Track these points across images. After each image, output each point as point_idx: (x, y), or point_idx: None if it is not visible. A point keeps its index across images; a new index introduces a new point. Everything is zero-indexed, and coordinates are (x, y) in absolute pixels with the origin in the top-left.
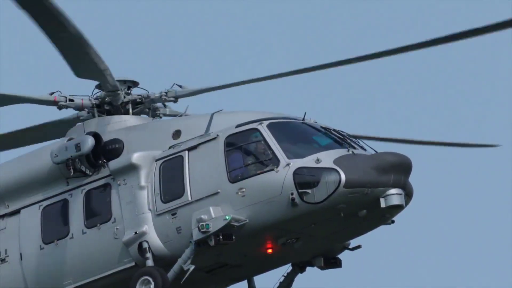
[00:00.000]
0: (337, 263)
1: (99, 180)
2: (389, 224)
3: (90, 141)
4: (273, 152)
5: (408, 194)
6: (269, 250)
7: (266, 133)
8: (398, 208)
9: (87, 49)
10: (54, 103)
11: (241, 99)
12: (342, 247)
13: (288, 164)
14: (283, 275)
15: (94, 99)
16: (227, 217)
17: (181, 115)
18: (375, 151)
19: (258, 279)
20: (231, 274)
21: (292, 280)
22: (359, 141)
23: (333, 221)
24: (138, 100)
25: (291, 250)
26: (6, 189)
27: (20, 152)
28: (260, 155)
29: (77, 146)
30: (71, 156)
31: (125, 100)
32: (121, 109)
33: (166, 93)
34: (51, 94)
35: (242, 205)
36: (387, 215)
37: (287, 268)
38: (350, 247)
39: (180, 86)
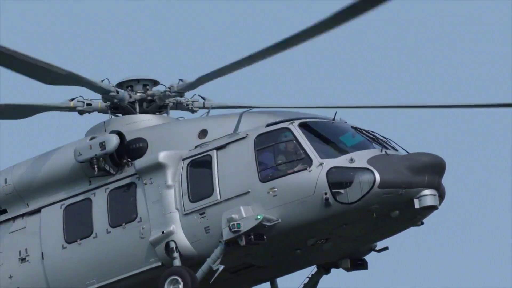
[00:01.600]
0: (363, 265)
1: (123, 179)
2: (419, 225)
3: (115, 140)
4: (305, 152)
5: (441, 195)
6: (298, 251)
7: (298, 133)
8: (431, 209)
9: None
10: (73, 109)
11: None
12: (369, 249)
13: (321, 164)
14: (307, 277)
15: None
16: (258, 217)
17: (207, 111)
18: (406, 151)
19: (280, 280)
20: (255, 275)
21: (317, 282)
22: (391, 141)
23: (365, 222)
24: (149, 98)
25: (320, 251)
26: (27, 188)
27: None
28: (291, 154)
29: (102, 145)
30: (96, 155)
31: (131, 100)
32: (131, 109)
33: (169, 88)
34: (71, 100)
35: (273, 204)
36: (419, 216)
37: (311, 269)
38: (377, 248)
39: (181, 80)
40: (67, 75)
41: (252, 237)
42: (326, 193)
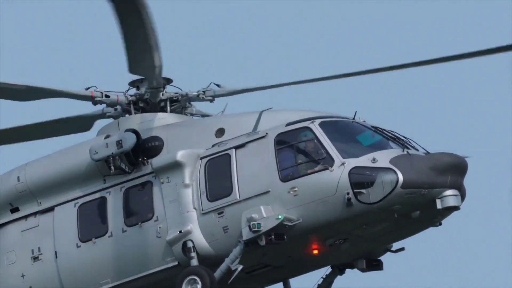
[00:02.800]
0: (379, 266)
1: (139, 178)
2: (437, 226)
3: (132, 138)
4: (326, 151)
5: (462, 196)
6: (315, 251)
7: (319, 132)
8: (454, 209)
9: (154, 45)
10: (90, 98)
11: (280, 101)
12: (385, 249)
13: (343, 164)
14: (321, 277)
15: (131, 95)
16: (279, 217)
17: (223, 109)
18: (426, 151)
19: (293, 281)
20: (270, 275)
21: (331, 283)
22: (411, 140)
23: (386, 222)
24: (174, 98)
25: (337, 251)
26: (39, 186)
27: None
28: (313, 154)
29: (119, 143)
30: (112, 153)
31: (163, 97)
32: (157, 107)
33: (204, 92)
34: (87, 89)
35: (294, 204)
36: (439, 217)
37: (326, 269)
38: (393, 249)
39: (218, 85)
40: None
41: (273, 237)
42: (348, 193)
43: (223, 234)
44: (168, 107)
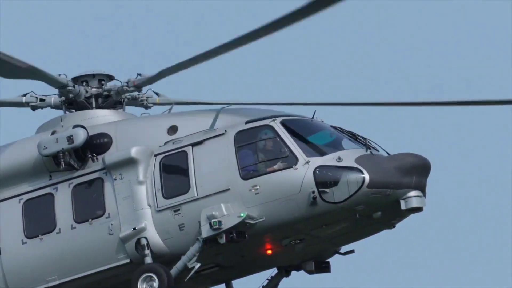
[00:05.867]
0: (328, 268)
1: (89, 174)
2: (391, 228)
3: (83, 134)
4: (289, 150)
5: (424, 196)
6: (269, 251)
7: (281, 130)
8: (417, 210)
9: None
10: (25, 104)
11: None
12: (334, 251)
13: (307, 162)
14: (267, 279)
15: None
16: (242, 214)
17: (170, 108)
18: (386, 152)
19: (235, 283)
20: (216, 276)
21: (276, 284)
22: (370, 141)
23: (346, 223)
24: (105, 93)
25: (290, 252)
26: None
27: None
28: (275, 152)
29: (70, 139)
30: (63, 149)
31: (87, 95)
32: (87, 104)
33: (127, 82)
34: (24, 95)
35: (255, 202)
36: (398, 218)
37: (271, 271)
38: (342, 251)
39: (140, 75)
40: (27, 68)
41: (235, 235)
42: (313, 192)
43: (178, 231)
44: (94, 103)
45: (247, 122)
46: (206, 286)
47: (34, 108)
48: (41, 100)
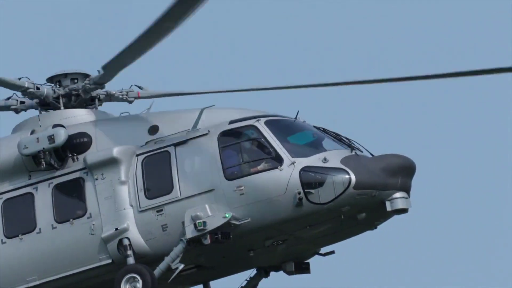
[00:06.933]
0: (307, 269)
1: (69, 174)
2: (373, 230)
3: (64, 133)
4: (275, 150)
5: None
6: (251, 252)
7: (265, 131)
8: (402, 212)
9: None
10: (7, 108)
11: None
12: (314, 252)
13: (293, 163)
14: (246, 279)
15: (58, 89)
16: (227, 215)
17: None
18: (370, 153)
19: (213, 283)
20: (196, 277)
21: (255, 285)
22: (354, 142)
23: (330, 224)
24: (74, 92)
25: (272, 252)
26: None
27: None
28: (259, 153)
29: (51, 138)
30: (44, 148)
31: (55, 95)
32: (57, 104)
33: (88, 80)
34: (7, 99)
35: (239, 203)
36: (382, 220)
37: (250, 271)
38: (322, 252)
39: (140, 88)
40: None
41: (220, 236)
42: (299, 193)
43: (161, 232)
44: (62, 103)
45: (230, 122)
46: (184, 287)
47: (16, 111)
48: (22, 102)
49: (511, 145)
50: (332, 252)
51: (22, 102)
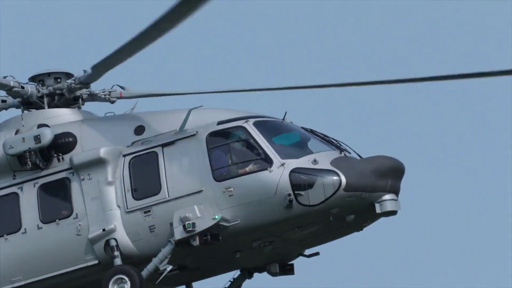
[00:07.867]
0: (292, 270)
1: (55, 174)
2: (359, 231)
3: (50, 133)
4: (264, 151)
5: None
6: (237, 254)
7: (254, 132)
8: (391, 214)
9: None
10: (8, 87)
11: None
12: (298, 253)
13: (283, 164)
14: (229, 280)
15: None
16: (216, 217)
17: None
18: (358, 154)
19: (196, 284)
20: (180, 277)
21: (239, 286)
22: (342, 143)
23: (318, 225)
24: (58, 92)
25: (258, 254)
26: None
27: None
28: (248, 154)
29: (37, 138)
30: (30, 148)
31: (39, 94)
32: (41, 103)
33: (74, 79)
34: (4, 77)
35: (229, 204)
36: (370, 221)
37: (234, 272)
38: (307, 253)
39: (123, 88)
40: None
41: (209, 237)
42: (289, 194)
43: (149, 233)
44: (46, 102)
45: (219, 123)
46: (168, 287)
47: (12, 94)
48: (3, 101)
49: (510, 147)
50: (317, 254)
51: (3, 101)
